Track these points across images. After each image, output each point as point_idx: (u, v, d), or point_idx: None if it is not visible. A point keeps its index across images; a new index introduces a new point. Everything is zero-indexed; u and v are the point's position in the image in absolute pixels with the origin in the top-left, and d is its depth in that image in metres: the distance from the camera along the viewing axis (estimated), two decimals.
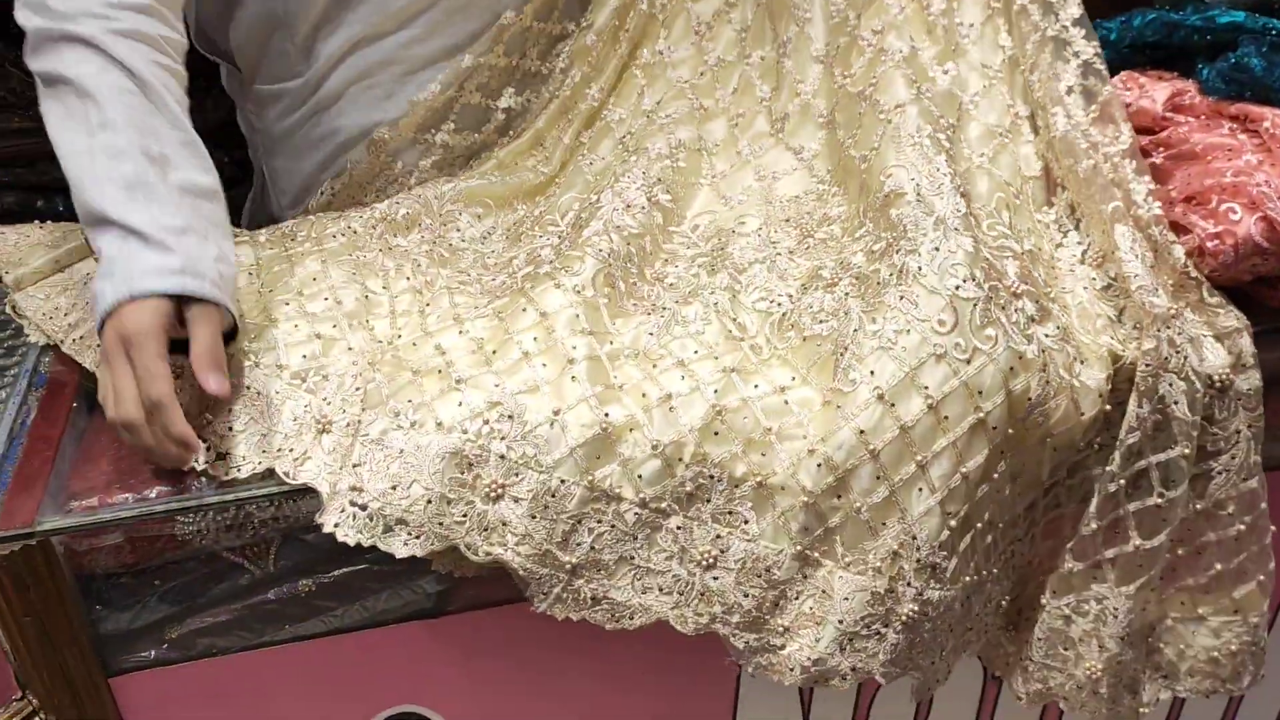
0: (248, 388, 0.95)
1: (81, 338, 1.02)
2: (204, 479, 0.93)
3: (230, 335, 0.95)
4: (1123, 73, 1.18)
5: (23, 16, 0.98)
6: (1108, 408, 0.93)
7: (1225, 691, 1.04)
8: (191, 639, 1.00)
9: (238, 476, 0.91)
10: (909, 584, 0.86)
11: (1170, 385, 0.91)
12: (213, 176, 0.99)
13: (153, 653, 0.99)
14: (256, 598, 1.00)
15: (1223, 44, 1.12)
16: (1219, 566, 1.00)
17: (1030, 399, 0.87)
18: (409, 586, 1.02)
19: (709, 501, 0.87)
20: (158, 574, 0.98)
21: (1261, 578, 1.00)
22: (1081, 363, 0.92)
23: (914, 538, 0.85)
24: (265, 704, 1.03)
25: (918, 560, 0.86)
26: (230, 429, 0.93)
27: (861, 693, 1.16)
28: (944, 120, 1.06)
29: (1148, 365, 0.91)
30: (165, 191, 0.93)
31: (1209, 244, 0.98)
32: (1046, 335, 0.90)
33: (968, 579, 0.90)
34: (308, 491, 0.92)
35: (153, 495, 0.93)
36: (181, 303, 0.90)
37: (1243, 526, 0.98)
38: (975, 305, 0.87)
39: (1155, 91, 1.12)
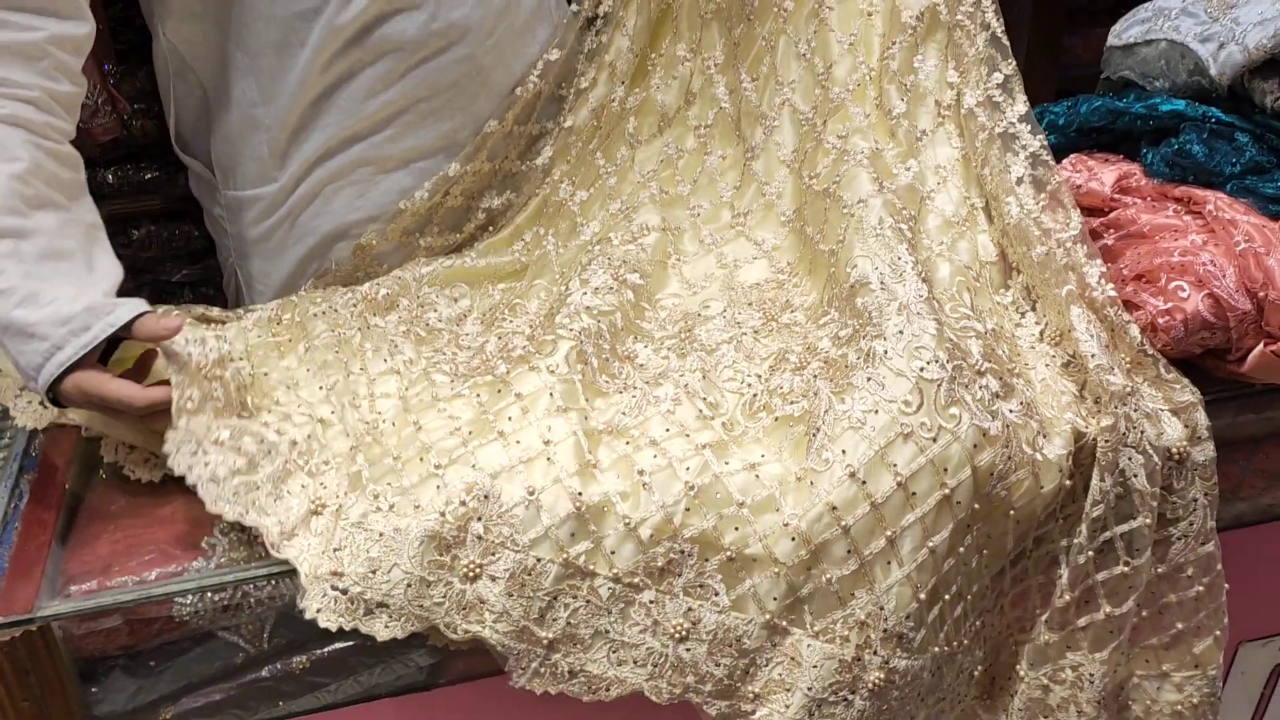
0: (257, 434, 0.98)
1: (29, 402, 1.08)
2: (201, 560, 0.95)
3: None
4: (1072, 155, 1.25)
5: None
6: (1068, 482, 0.97)
7: None
8: (186, 719, 1.00)
9: (211, 498, 0.93)
10: (875, 652, 0.89)
11: (1129, 459, 0.96)
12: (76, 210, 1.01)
13: None
14: (251, 675, 1.01)
15: (1165, 129, 1.19)
16: (1180, 625, 1.05)
17: (993, 473, 0.91)
18: (401, 660, 1.03)
19: (680, 575, 0.90)
20: (154, 655, 0.99)
21: (1218, 633, 1.05)
22: (1044, 437, 0.96)
23: (881, 608, 0.89)
24: None
25: (884, 630, 0.89)
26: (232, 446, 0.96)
27: None
28: (906, 211, 1.12)
29: (1107, 441, 0.96)
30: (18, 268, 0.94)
31: (1160, 320, 1.04)
32: (1010, 410, 0.95)
33: (936, 649, 0.93)
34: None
35: (151, 577, 0.94)
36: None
37: (1201, 587, 1.03)
38: (940, 385, 0.91)
39: (1103, 174, 1.19)
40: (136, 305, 0.96)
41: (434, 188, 1.26)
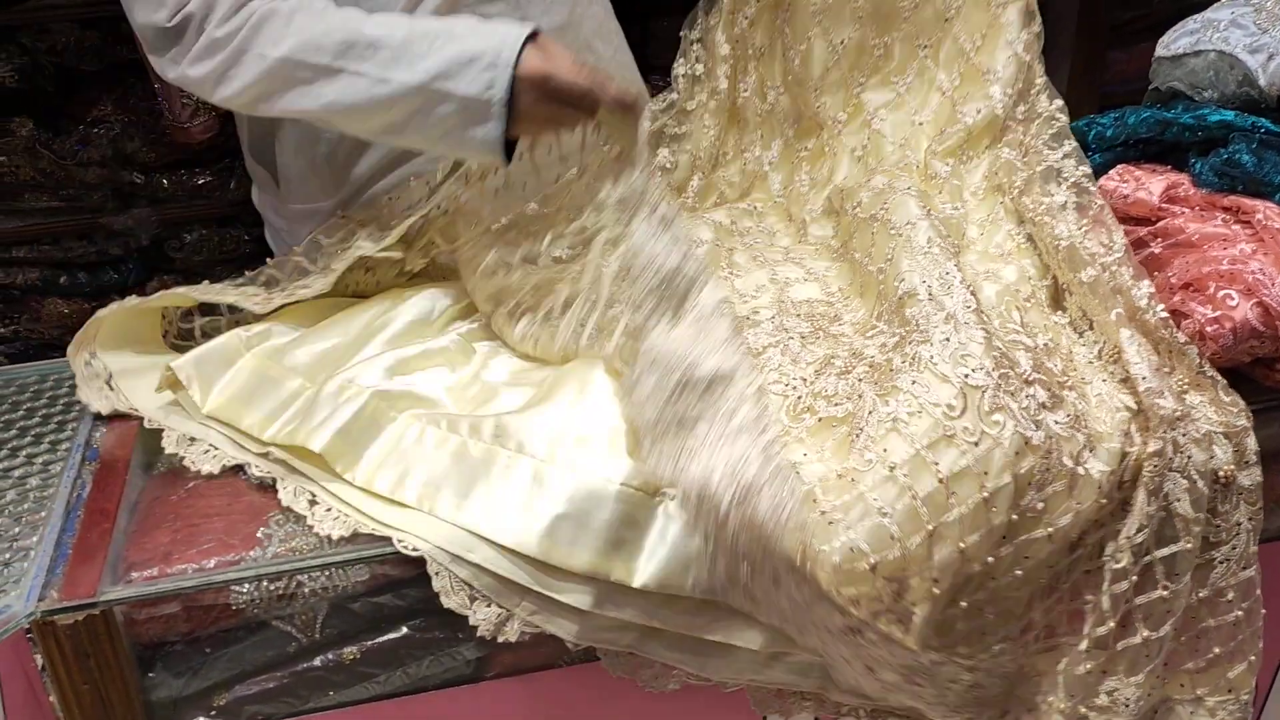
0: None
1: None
2: (257, 550, 0.97)
3: None
4: (1119, 166, 1.25)
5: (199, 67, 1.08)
6: (1104, 501, 0.95)
7: None
8: (239, 706, 1.03)
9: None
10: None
11: (1174, 484, 0.96)
12: None
13: None
14: (303, 665, 1.03)
15: (1213, 140, 1.19)
16: (1217, 649, 1.03)
17: (1031, 482, 0.91)
18: (449, 653, 1.05)
19: None
20: (209, 642, 1.01)
21: (1253, 658, 1.04)
22: (1090, 451, 0.95)
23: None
24: None
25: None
26: None
27: None
28: (951, 240, 1.14)
29: (1154, 466, 0.96)
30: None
31: (1208, 328, 1.04)
32: (1056, 422, 0.94)
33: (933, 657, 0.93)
34: (357, 561, 0.97)
35: (210, 565, 0.97)
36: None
37: (1240, 612, 1.01)
38: (984, 391, 0.91)
39: (1151, 184, 1.19)
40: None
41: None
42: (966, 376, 0.92)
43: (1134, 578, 0.97)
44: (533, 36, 1.03)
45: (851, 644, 0.92)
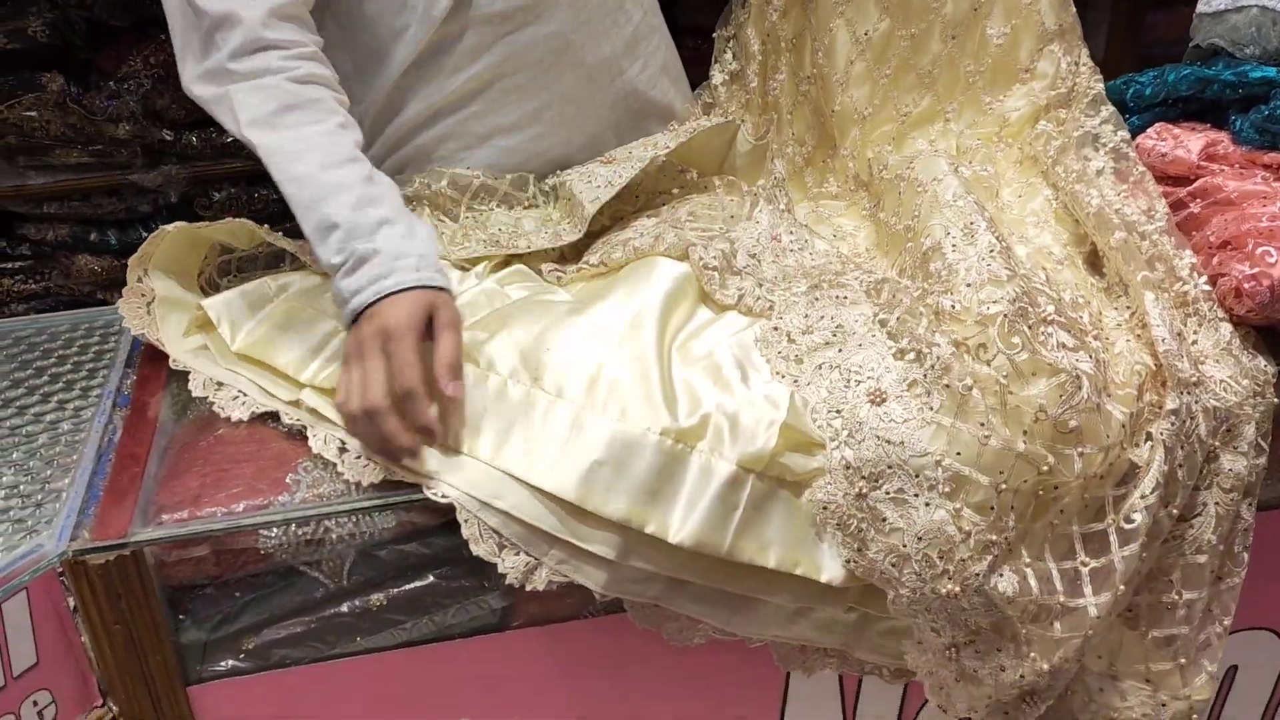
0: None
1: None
2: (286, 495, 0.98)
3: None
4: (1157, 124, 1.23)
5: (204, 89, 1.06)
6: (1124, 448, 0.94)
7: None
8: (267, 650, 1.04)
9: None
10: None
11: (1181, 448, 0.95)
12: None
13: (229, 663, 1.03)
14: (330, 610, 1.04)
15: (1255, 97, 1.17)
16: (1154, 634, 1.01)
17: (1063, 397, 0.89)
18: (475, 602, 1.06)
19: None
20: (238, 586, 1.02)
21: (1183, 661, 1.02)
22: (1109, 395, 0.94)
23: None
24: (333, 714, 1.07)
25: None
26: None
27: (903, 712, 1.20)
28: (979, 198, 1.11)
29: (1172, 424, 0.95)
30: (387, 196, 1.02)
31: (1245, 285, 1.02)
32: (1080, 362, 0.92)
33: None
34: (385, 507, 0.98)
35: (239, 509, 0.97)
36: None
37: (1189, 597, 1.00)
38: (1003, 318, 0.91)
39: (1190, 142, 1.17)
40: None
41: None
42: (985, 307, 0.92)
43: (1143, 538, 0.94)
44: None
45: None
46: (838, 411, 0.93)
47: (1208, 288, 1.04)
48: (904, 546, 0.89)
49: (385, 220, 0.98)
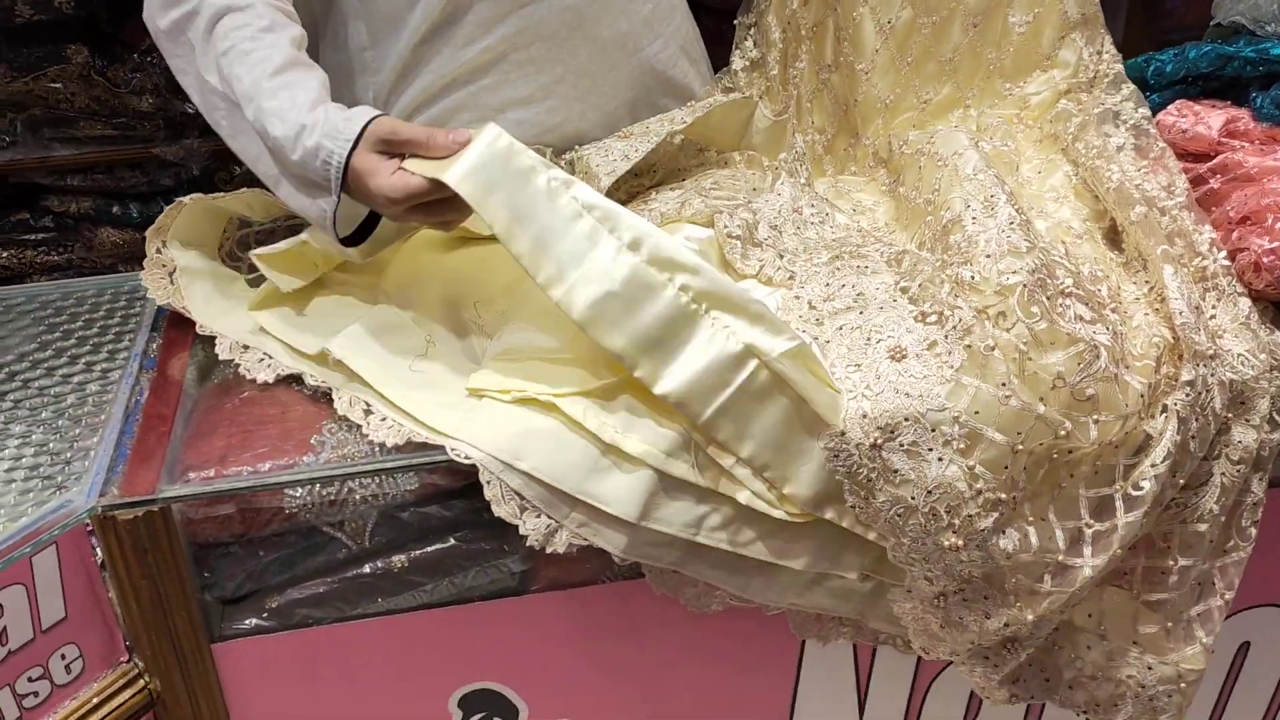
0: None
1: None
2: (310, 456, 0.99)
3: None
4: (1177, 101, 1.23)
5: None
6: (1140, 418, 0.94)
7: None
8: (290, 609, 1.05)
9: None
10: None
11: (1195, 419, 0.95)
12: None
13: (253, 621, 1.05)
14: (353, 571, 1.06)
15: (1275, 74, 1.17)
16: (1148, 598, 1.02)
17: (1081, 365, 0.90)
18: (495, 565, 1.07)
19: None
20: (263, 545, 1.04)
21: (1170, 624, 1.02)
22: (1126, 367, 0.95)
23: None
24: (355, 674, 1.08)
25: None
26: None
27: (916, 681, 1.21)
28: (999, 172, 1.12)
29: (1187, 395, 0.95)
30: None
31: (1265, 259, 1.03)
32: (1096, 334, 0.93)
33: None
34: (408, 468, 0.99)
35: (264, 468, 0.99)
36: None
37: (1182, 563, 1.00)
38: (1023, 289, 0.91)
39: (1210, 118, 1.17)
40: None
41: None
42: (1004, 278, 0.92)
43: (1148, 505, 0.95)
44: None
45: None
46: (857, 365, 0.94)
47: (1227, 263, 1.05)
48: (912, 499, 0.89)
49: (278, 142, 1.01)
